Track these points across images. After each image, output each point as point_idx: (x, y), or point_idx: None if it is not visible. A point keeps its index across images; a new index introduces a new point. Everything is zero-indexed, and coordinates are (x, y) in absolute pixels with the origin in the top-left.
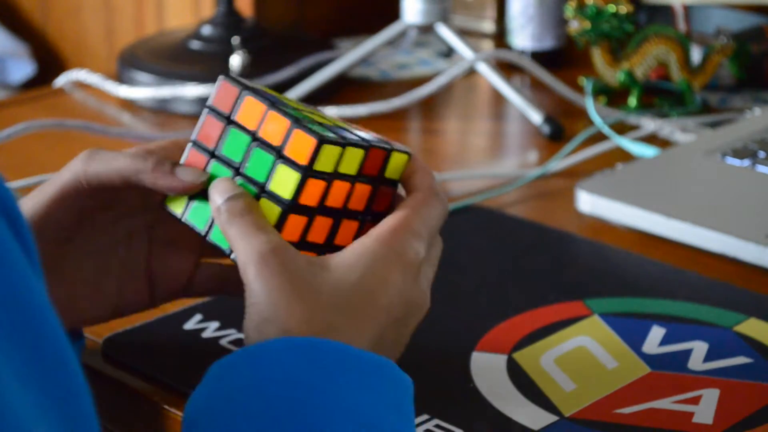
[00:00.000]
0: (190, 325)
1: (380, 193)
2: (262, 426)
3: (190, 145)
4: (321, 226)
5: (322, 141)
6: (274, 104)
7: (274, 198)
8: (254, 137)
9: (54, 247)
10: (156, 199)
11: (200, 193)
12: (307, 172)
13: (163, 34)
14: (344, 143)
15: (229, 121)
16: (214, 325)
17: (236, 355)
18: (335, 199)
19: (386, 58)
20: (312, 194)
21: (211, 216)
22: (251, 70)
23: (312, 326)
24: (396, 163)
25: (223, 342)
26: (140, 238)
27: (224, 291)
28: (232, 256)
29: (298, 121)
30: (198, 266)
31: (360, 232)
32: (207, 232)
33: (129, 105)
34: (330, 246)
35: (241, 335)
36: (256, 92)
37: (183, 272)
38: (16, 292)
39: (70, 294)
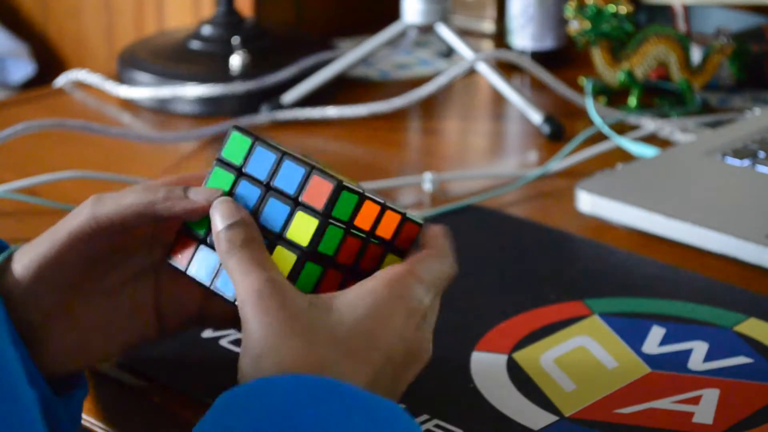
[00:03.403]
0: None
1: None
2: None
3: (214, 163)
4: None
5: (339, 186)
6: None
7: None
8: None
9: (64, 292)
10: (163, 237)
11: (207, 244)
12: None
13: (163, 34)
14: (363, 193)
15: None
16: None
17: (241, 389)
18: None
19: (386, 58)
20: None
21: (218, 263)
22: (251, 70)
23: (307, 362)
24: (408, 232)
25: (223, 342)
26: (147, 275)
27: (237, 325)
28: (235, 302)
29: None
30: (208, 299)
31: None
32: (213, 280)
33: (129, 105)
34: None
35: (240, 335)
36: (266, 143)
37: (192, 304)
38: None
39: (82, 336)
